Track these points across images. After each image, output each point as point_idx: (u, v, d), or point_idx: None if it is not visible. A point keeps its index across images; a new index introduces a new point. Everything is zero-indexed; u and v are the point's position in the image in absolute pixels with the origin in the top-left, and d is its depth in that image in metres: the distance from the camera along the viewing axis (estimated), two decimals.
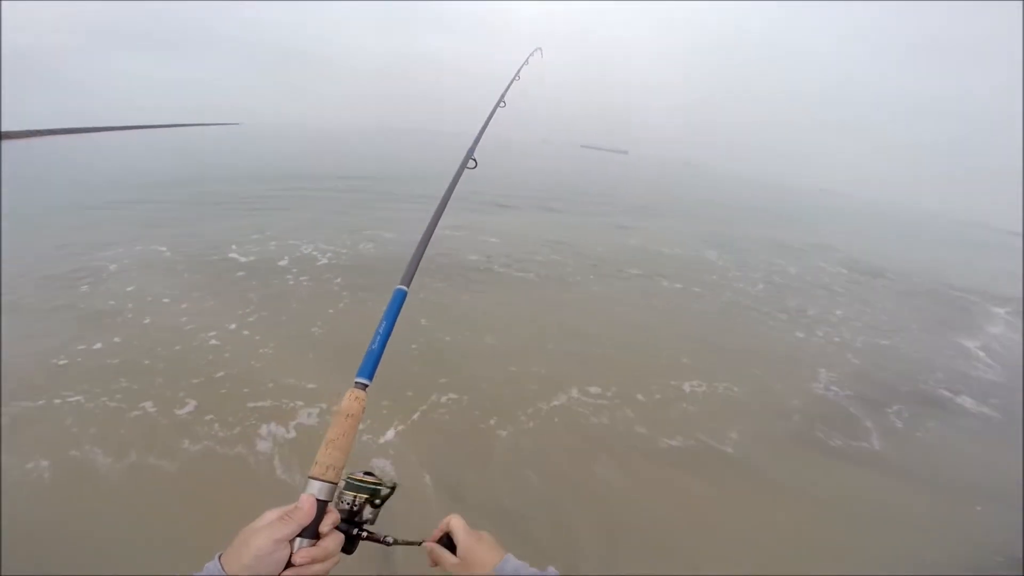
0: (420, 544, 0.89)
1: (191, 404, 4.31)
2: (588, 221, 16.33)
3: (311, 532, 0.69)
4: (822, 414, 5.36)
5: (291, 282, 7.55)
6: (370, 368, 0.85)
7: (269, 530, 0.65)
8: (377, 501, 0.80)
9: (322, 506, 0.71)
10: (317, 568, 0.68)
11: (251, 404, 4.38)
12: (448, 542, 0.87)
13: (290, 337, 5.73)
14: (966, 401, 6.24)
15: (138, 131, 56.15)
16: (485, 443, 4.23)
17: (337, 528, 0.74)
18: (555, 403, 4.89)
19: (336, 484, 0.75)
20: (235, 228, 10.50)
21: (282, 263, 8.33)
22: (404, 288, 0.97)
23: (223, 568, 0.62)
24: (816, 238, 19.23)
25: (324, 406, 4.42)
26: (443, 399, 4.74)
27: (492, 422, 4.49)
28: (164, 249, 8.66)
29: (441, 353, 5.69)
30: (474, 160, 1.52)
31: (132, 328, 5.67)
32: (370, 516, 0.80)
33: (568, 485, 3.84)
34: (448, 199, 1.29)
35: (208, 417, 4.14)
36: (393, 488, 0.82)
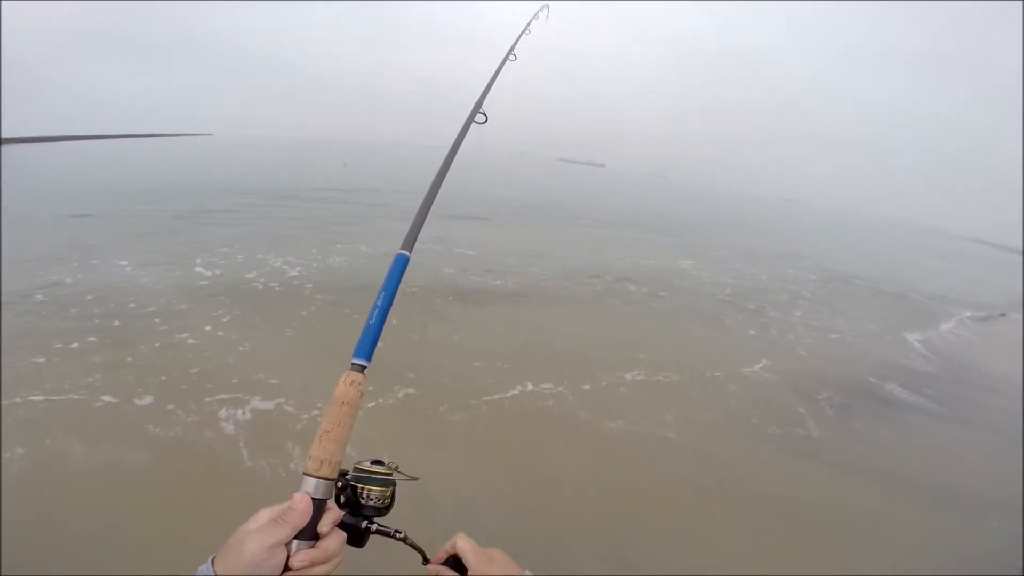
0: (425, 561, 0.82)
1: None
2: (565, 233, 16.59)
3: (309, 533, 0.65)
4: (757, 399, 5.81)
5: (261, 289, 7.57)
6: (368, 347, 0.78)
7: (261, 535, 0.61)
8: (388, 492, 0.75)
9: (319, 504, 0.67)
10: (318, 570, 0.64)
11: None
12: (456, 563, 0.80)
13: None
14: (896, 390, 6.72)
15: (106, 140, 54.27)
16: (442, 427, 4.57)
17: (344, 522, 0.71)
18: (510, 394, 5.24)
19: (333, 480, 0.69)
20: (202, 242, 10.25)
21: (249, 276, 8.26)
22: (406, 253, 0.88)
23: (215, 569, 0.59)
24: (788, 246, 19.94)
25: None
26: (407, 390, 5.01)
27: (444, 408, 4.82)
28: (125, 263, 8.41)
29: (407, 348, 5.90)
30: (483, 114, 1.39)
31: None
32: (379, 505, 0.74)
33: (517, 464, 4.18)
34: (454, 155, 1.20)
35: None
36: (412, 479, 0.77)
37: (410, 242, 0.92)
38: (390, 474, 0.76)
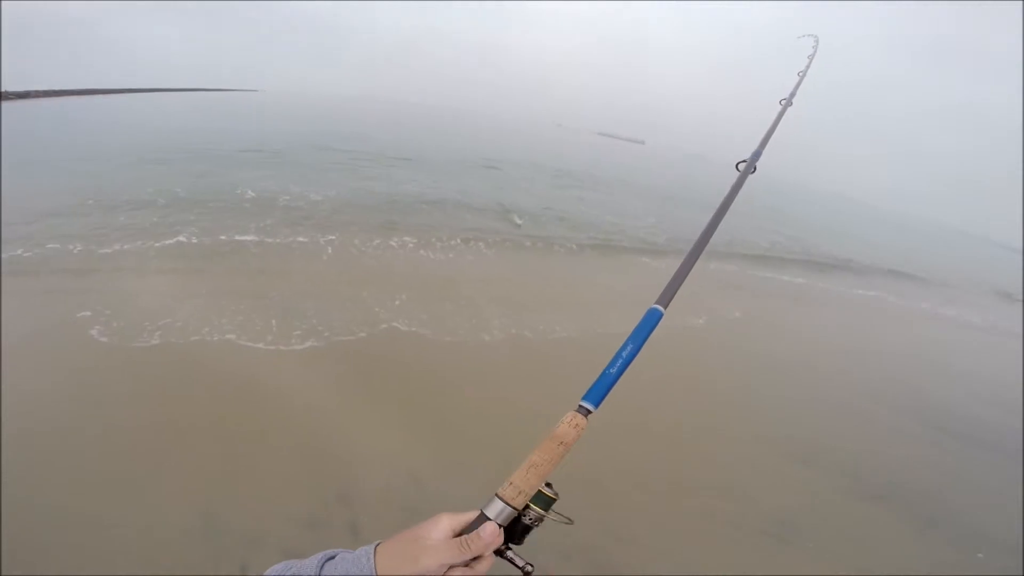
0: None
1: None
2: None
3: None
4: None
5: None
6: (601, 394, 0.77)
7: (442, 553, 0.61)
8: (541, 516, 0.71)
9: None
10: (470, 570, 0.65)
11: None
12: None
13: None
14: None
15: (161, 93, 56.30)
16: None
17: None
18: None
19: (519, 511, 0.69)
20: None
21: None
22: (660, 309, 0.86)
23: (376, 567, 0.60)
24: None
25: None
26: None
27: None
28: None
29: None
30: (755, 167, 1.35)
31: None
32: (529, 525, 0.71)
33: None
34: (727, 209, 1.15)
35: None
36: (567, 521, 0.72)
37: (667, 298, 0.89)
38: (554, 499, 0.72)
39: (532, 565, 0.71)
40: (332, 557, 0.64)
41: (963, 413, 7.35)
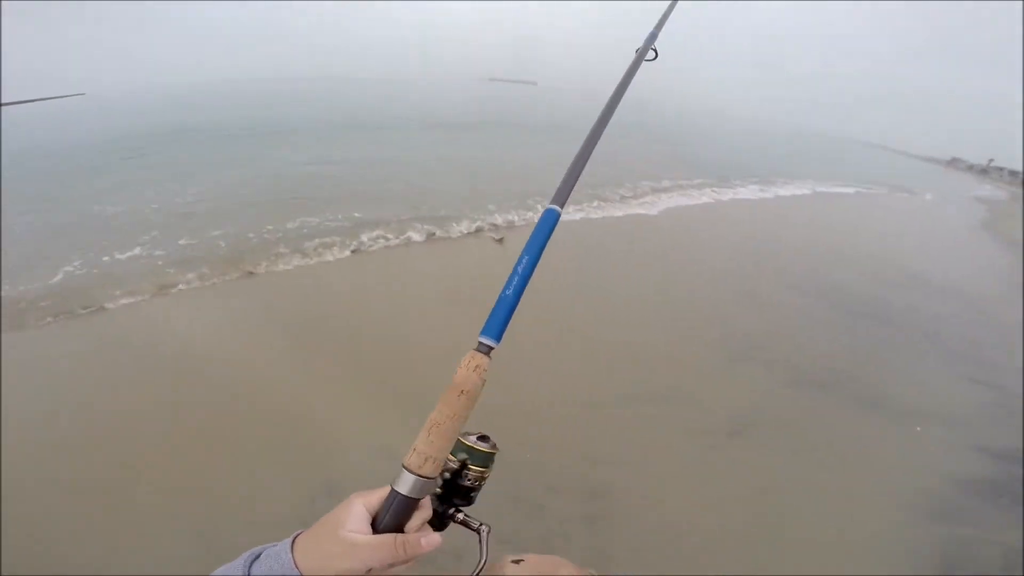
0: None
1: None
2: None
3: (398, 530, 0.59)
4: None
5: None
6: (499, 324, 0.64)
7: (374, 554, 0.55)
8: (487, 474, 0.66)
9: (412, 503, 0.59)
10: (397, 570, 0.58)
11: None
12: None
13: None
14: None
15: None
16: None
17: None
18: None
19: (433, 479, 0.61)
20: None
21: None
22: (557, 209, 0.73)
23: (297, 564, 0.54)
24: None
25: None
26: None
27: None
28: None
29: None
30: (654, 51, 1.19)
31: None
32: (473, 486, 0.66)
33: None
34: (621, 96, 0.99)
35: None
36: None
37: (562, 196, 0.74)
38: (493, 453, 0.67)
39: (487, 526, 0.64)
40: (258, 556, 0.57)
41: (868, 295, 8.37)
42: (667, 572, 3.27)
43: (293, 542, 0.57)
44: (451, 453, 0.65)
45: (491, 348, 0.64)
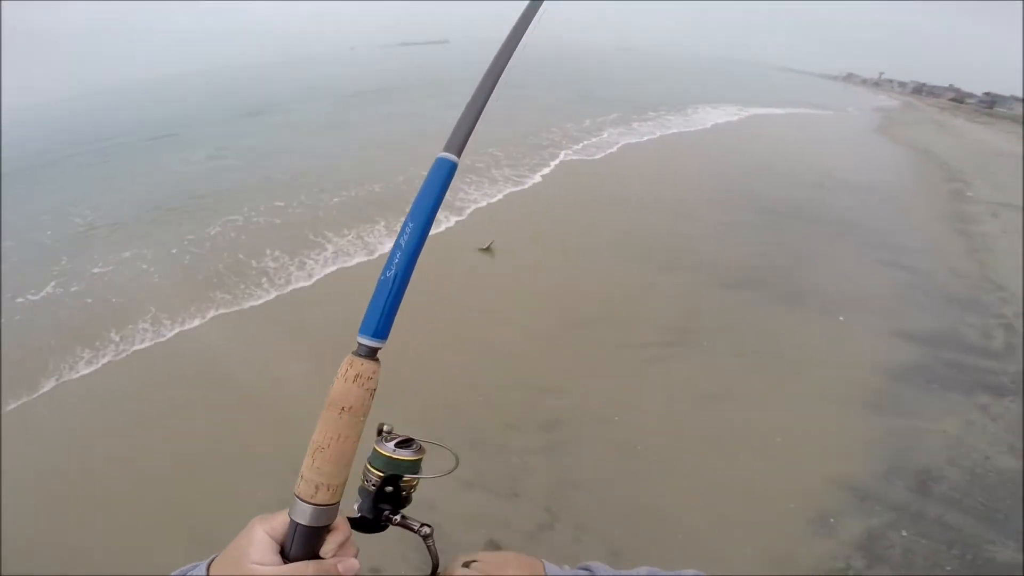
0: (434, 573, 0.65)
1: None
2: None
3: (310, 557, 0.53)
4: None
5: None
6: (382, 317, 0.51)
7: None
8: (414, 481, 0.60)
9: (319, 530, 0.52)
10: None
11: None
12: None
13: None
14: None
15: None
16: None
17: (361, 519, 0.59)
18: None
19: (335, 504, 0.53)
20: None
21: None
22: (453, 158, 0.56)
23: None
24: None
25: None
26: None
27: None
28: None
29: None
30: None
31: None
32: (408, 494, 0.60)
33: None
34: (519, 39, 0.77)
35: None
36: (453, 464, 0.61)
37: (456, 144, 0.57)
38: (419, 458, 0.59)
39: (429, 526, 0.61)
40: None
41: (786, 199, 8.82)
42: (628, 489, 3.36)
43: (209, 566, 0.53)
44: (370, 464, 0.57)
45: (376, 349, 0.52)
